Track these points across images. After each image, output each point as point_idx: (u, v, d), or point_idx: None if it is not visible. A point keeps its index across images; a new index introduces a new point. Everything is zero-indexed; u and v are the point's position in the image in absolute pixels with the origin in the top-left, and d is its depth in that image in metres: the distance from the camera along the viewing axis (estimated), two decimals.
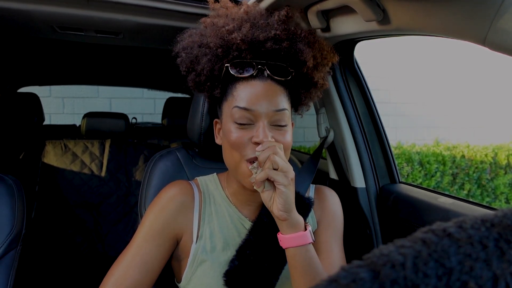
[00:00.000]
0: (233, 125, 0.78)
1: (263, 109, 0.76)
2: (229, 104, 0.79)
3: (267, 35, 0.78)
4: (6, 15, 1.16)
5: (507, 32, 0.57)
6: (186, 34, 0.87)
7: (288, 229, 0.74)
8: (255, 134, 0.76)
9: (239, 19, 0.81)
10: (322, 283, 0.21)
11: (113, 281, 0.76)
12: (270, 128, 0.77)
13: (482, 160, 4.56)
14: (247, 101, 0.77)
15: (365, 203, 1.27)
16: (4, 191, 1.01)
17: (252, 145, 0.76)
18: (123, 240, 2.20)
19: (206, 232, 0.84)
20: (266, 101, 0.77)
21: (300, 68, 0.83)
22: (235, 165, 0.80)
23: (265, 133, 0.75)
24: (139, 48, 1.90)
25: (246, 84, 0.78)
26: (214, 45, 0.80)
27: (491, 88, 5.65)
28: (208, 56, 0.81)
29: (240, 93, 0.78)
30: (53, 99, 4.34)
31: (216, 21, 0.82)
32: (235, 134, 0.77)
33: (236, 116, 0.77)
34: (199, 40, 0.83)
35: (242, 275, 0.79)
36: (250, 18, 0.81)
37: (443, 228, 0.24)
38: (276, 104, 0.77)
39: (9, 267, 0.98)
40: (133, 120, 3.17)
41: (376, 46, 4.93)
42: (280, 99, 0.78)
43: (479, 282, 0.21)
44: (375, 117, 1.30)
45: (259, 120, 0.76)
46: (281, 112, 0.78)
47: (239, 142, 0.77)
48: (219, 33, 0.80)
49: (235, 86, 0.79)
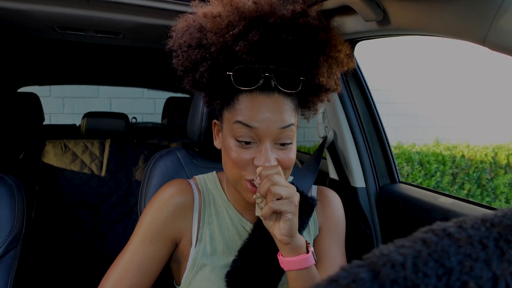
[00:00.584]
0: (233, 142, 0.72)
1: (267, 128, 0.69)
2: (231, 116, 0.72)
3: (277, 39, 0.68)
4: (6, 15, 1.16)
5: (507, 32, 0.57)
6: (182, 25, 0.76)
7: (290, 252, 0.71)
8: (257, 157, 0.70)
9: (246, 16, 0.69)
10: (322, 283, 0.21)
11: (111, 283, 0.75)
12: (273, 148, 0.71)
13: (482, 160, 4.56)
14: (250, 117, 0.69)
15: (365, 203, 1.27)
16: (4, 191, 1.01)
17: (253, 166, 0.71)
18: (123, 240, 2.20)
19: (206, 235, 0.82)
20: (271, 118, 0.69)
21: (312, 79, 0.75)
22: (235, 181, 0.76)
23: (267, 157, 0.69)
24: (139, 48, 1.90)
25: (250, 96, 0.70)
26: (216, 50, 0.70)
27: (491, 88, 5.65)
28: (209, 62, 0.72)
29: (242, 107, 0.70)
30: (53, 99, 4.34)
31: (219, 21, 0.70)
32: (236, 154, 0.71)
33: (237, 133, 0.71)
34: (198, 38, 0.72)
35: (244, 276, 0.78)
36: (259, 13, 0.69)
37: (443, 228, 0.24)
38: (282, 121, 0.70)
39: (9, 267, 0.97)
40: (133, 120, 3.17)
41: (376, 46, 4.93)
42: (287, 114, 0.71)
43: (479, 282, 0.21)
44: (375, 117, 1.30)
45: (262, 140, 0.70)
46: (287, 128, 0.71)
47: (239, 162, 0.71)
48: (222, 37, 0.69)
49: (238, 97, 0.71)
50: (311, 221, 0.89)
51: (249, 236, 0.82)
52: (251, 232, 0.83)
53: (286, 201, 0.67)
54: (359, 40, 1.11)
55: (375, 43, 4.64)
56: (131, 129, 2.88)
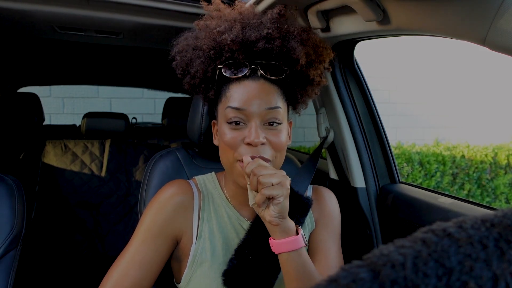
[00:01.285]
0: (226, 126, 0.78)
1: (255, 108, 0.76)
2: (223, 105, 0.79)
3: (259, 34, 0.77)
4: (6, 15, 1.16)
5: (507, 32, 0.57)
6: (181, 38, 0.87)
7: (280, 234, 0.74)
8: (247, 135, 0.76)
9: (231, 20, 0.81)
10: (322, 283, 0.21)
11: (112, 281, 0.76)
12: (262, 128, 0.77)
13: (482, 160, 4.56)
14: (239, 101, 0.76)
15: (365, 203, 1.27)
16: (4, 191, 1.01)
17: (245, 146, 0.76)
18: (123, 240, 2.20)
19: (205, 232, 0.83)
20: (258, 100, 0.76)
21: (294, 66, 0.82)
22: (229, 165, 0.80)
23: (256, 133, 0.75)
24: (139, 48, 1.90)
25: (239, 84, 0.78)
26: (207, 47, 0.80)
27: (491, 88, 5.65)
28: (201, 59, 0.81)
29: (233, 94, 0.78)
30: (53, 99, 4.34)
31: (209, 23, 0.82)
32: (228, 135, 0.77)
33: (229, 116, 0.77)
34: (193, 43, 0.83)
35: (241, 275, 0.79)
36: (243, 19, 0.81)
37: (443, 228, 0.24)
38: (268, 102, 0.77)
39: (9, 267, 0.97)
40: (133, 120, 3.18)
41: (376, 46, 4.93)
42: (274, 97, 0.78)
43: (479, 282, 0.21)
44: (375, 117, 1.30)
45: (251, 119, 0.76)
46: (274, 110, 0.77)
47: (232, 142, 0.77)
48: (211, 35, 0.80)
49: (228, 87, 0.79)
50: (308, 220, 0.91)
51: (246, 235, 0.83)
52: (247, 231, 0.84)
53: (277, 186, 0.70)
54: (359, 40, 1.11)
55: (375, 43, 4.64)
56: (131, 129, 2.88)
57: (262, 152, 0.76)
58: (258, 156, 0.75)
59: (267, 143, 0.77)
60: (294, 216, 0.84)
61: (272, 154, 0.78)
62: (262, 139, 0.75)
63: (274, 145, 0.78)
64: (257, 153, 0.76)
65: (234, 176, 0.80)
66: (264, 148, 0.77)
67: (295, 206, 0.86)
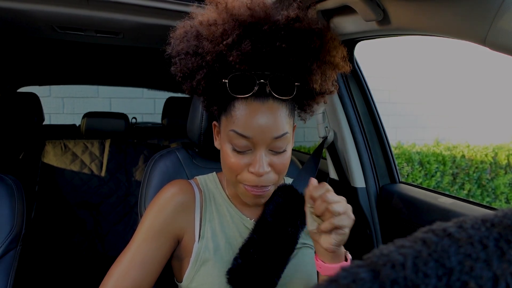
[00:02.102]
0: (229, 148, 0.75)
1: (261, 137, 0.71)
2: (227, 123, 0.75)
3: (270, 46, 0.69)
4: (6, 15, 1.16)
5: (507, 32, 0.57)
6: (180, 31, 0.78)
7: (332, 259, 0.74)
8: (252, 163, 0.73)
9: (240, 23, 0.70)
10: (322, 283, 0.21)
11: (113, 281, 0.76)
12: (267, 153, 0.74)
13: (482, 160, 4.56)
14: (245, 127, 0.71)
15: (365, 203, 1.27)
16: (4, 191, 1.01)
17: (249, 173, 0.74)
18: (123, 240, 2.20)
19: (207, 232, 0.83)
20: (265, 127, 0.71)
21: (307, 83, 0.76)
22: (232, 183, 0.79)
23: (261, 164, 0.72)
24: (139, 48, 1.90)
25: (246, 104, 0.71)
26: (211, 59, 0.72)
27: (491, 88, 5.65)
28: (205, 70, 0.74)
29: (238, 115, 0.72)
30: (53, 99, 4.34)
31: (214, 29, 0.71)
32: (232, 159, 0.74)
33: (233, 140, 0.73)
34: (195, 46, 0.74)
35: (245, 274, 0.79)
36: (254, 19, 0.70)
37: (443, 228, 0.24)
38: (276, 130, 0.72)
39: (9, 267, 0.97)
40: (133, 120, 3.17)
41: (376, 46, 4.93)
42: (281, 122, 0.73)
43: (479, 282, 0.21)
44: (375, 117, 1.30)
45: (257, 147, 0.73)
46: (281, 137, 0.73)
47: (235, 167, 0.75)
48: (217, 47, 0.70)
49: (234, 104, 0.73)
50: None
51: (250, 234, 0.83)
52: (251, 230, 0.84)
53: (345, 217, 0.70)
54: (359, 40, 1.11)
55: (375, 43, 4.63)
56: (131, 129, 2.88)
57: (265, 181, 0.75)
58: (261, 186, 0.75)
59: (272, 169, 0.75)
60: (297, 219, 0.84)
61: (274, 179, 0.77)
62: (266, 169, 0.73)
63: (278, 169, 0.76)
64: (260, 182, 0.74)
65: (239, 193, 0.80)
66: (268, 176, 0.75)
67: (298, 209, 0.85)
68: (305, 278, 0.85)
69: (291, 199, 0.87)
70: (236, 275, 0.79)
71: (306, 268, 0.87)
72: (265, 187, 0.76)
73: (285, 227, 0.83)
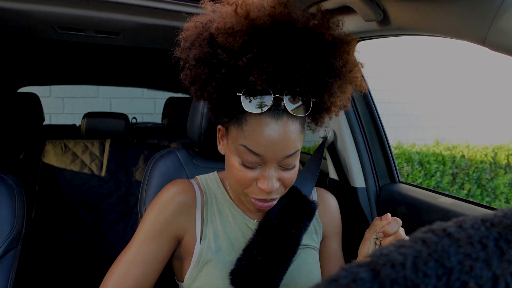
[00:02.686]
0: (238, 161, 0.73)
1: (272, 155, 0.69)
2: (237, 136, 0.71)
3: (293, 65, 0.65)
4: (6, 15, 1.16)
5: (507, 32, 0.57)
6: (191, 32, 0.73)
7: None
8: (260, 180, 0.72)
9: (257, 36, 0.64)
10: (322, 283, 0.21)
11: (114, 280, 0.76)
12: (277, 169, 0.73)
13: (482, 160, 4.56)
14: (257, 144, 0.69)
15: (365, 203, 1.27)
16: (4, 191, 1.01)
17: (257, 188, 0.73)
18: (123, 240, 2.20)
19: (209, 233, 0.83)
20: (277, 146, 0.69)
21: (323, 100, 0.73)
22: (239, 193, 0.79)
23: (271, 182, 0.71)
24: (139, 48, 1.90)
25: (259, 120, 0.68)
26: (226, 71, 0.66)
27: (491, 88, 5.65)
28: (219, 82, 0.68)
29: (250, 129, 0.69)
30: (53, 99, 4.34)
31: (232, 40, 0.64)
32: (240, 173, 0.73)
33: (242, 155, 0.71)
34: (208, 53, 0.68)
35: (248, 275, 0.79)
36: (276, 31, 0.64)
37: (443, 228, 0.24)
38: (288, 149, 0.70)
39: (9, 267, 0.97)
40: (133, 120, 3.17)
41: (376, 46, 4.93)
42: (294, 139, 0.70)
43: (479, 282, 0.21)
44: (375, 117, 1.30)
45: (267, 165, 0.71)
46: (292, 156, 0.71)
47: (243, 181, 0.74)
48: (234, 60, 0.65)
49: (246, 118, 0.69)
50: (315, 223, 0.93)
51: (254, 235, 0.83)
52: (255, 231, 0.84)
53: None
54: (359, 40, 1.11)
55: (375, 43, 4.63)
56: (131, 129, 2.88)
57: (273, 195, 0.75)
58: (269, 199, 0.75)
59: (280, 184, 0.74)
60: (300, 220, 0.85)
61: (282, 192, 0.77)
62: (275, 185, 0.72)
63: (285, 183, 0.75)
64: (269, 196, 0.74)
65: (244, 201, 0.80)
66: (276, 191, 0.75)
67: (302, 211, 0.86)
68: (308, 279, 0.86)
69: (295, 201, 0.87)
70: (239, 276, 0.78)
71: (309, 269, 0.87)
72: (273, 200, 0.77)
73: (289, 229, 0.83)
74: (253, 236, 0.83)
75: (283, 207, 0.85)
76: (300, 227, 0.84)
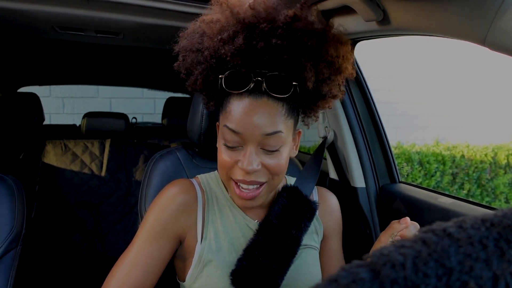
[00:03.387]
0: (222, 144, 0.76)
1: (252, 133, 0.71)
2: (223, 119, 0.75)
3: (265, 44, 0.68)
4: (6, 15, 1.16)
5: (507, 32, 0.57)
6: (189, 30, 0.80)
7: None
8: (241, 160, 0.73)
9: (238, 22, 0.71)
10: (322, 283, 0.21)
11: (116, 281, 0.76)
12: (259, 152, 0.73)
13: (482, 160, 4.56)
14: (237, 122, 0.71)
15: (365, 203, 1.27)
16: (4, 191, 1.01)
17: (238, 168, 0.74)
18: (123, 240, 2.20)
19: (210, 233, 0.83)
20: (256, 124, 0.70)
21: (305, 83, 0.74)
22: (225, 180, 0.80)
23: (249, 162, 0.71)
24: (139, 48, 1.90)
25: (240, 100, 0.72)
26: (208, 54, 0.73)
27: (491, 88, 5.65)
28: (203, 66, 0.76)
29: (232, 111, 0.72)
30: (53, 99, 4.34)
31: (213, 26, 0.73)
32: (223, 156, 0.75)
33: (225, 135, 0.74)
34: (197, 43, 0.77)
35: (249, 275, 0.79)
36: (252, 20, 0.70)
37: (443, 228, 0.24)
38: (267, 127, 0.71)
39: (9, 267, 0.97)
40: (133, 120, 3.17)
41: (376, 46, 4.93)
42: (274, 120, 0.71)
43: (479, 282, 0.21)
44: (375, 117, 1.30)
45: (247, 144, 0.72)
46: (272, 135, 0.71)
47: (226, 164, 0.75)
48: (213, 43, 0.72)
49: (229, 100, 0.74)
50: (316, 223, 0.92)
51: (255, 235, 0.83)
52: (256, 231, 0.83)
53: None
54: (359, 40, 1.11)
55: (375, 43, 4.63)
56: (131, 129, 2.88)
57: (255, 177, 0.74)
58: (252, 180, 0.74)
59: (263, 168, 0.74)
60: (301, 221, 0.85)
61: (267, 177, 0.76)
62: (255, 167, 0.72)
63: (270, 169, 0.74)
64: (250, 178, 0.74)
65: (231, 194, 0.81)
66: (259, 173, 0.74)
67: (303, 211, 0.86)
68: (308, 279, 0.85)
69: (296, 201, 0.87)
70: (240, 277, 0.78)
71: (309, 269, 0.87)
72: (255, 185, 0.75)
73: (289, 229, 0.83)
74: (253, 236, 0.83)
75: (283, 207, 0.85)
76: (301, 227, 0.84)
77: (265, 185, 0.77)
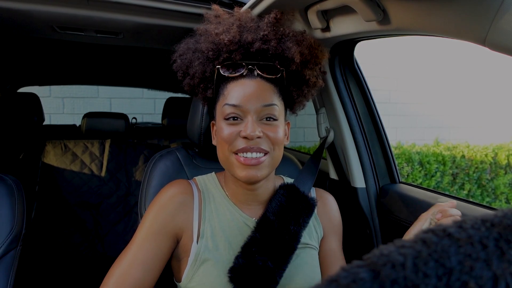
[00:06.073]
0: (223, 122, 0.81)
1: (251, 105, 0.79)
2: (221, 103, 0.83)
3: (255, 36, 0.82)
4: (6, 15, 1.16)
5: (507, 32, 0.57)
6: (182, 43, 0.92)
7: None
8: (243, 129, 0.78)
9: (229, 23, 0.85)
10: (322, 283, 0.21)
11: (114, 280, 0.76)
12: (259, 123, 0.80)
13: (482, 160, 4.56)
14: (236, 98, 0.80)
15: (365, 203, 1.27)
16: (4, 191, 1.01)
17: (240, 139, 0.79)
18: (123, 240, 2.20)
19: (207, 231, 0.84)
20: (254, 97, 0.79)
21: (289, 66, 0.85)
22: (225, 159, 0.82)
23: (253, 127, 0.77)
24: (139, 48, 1.90)
25: (236, 83, 0.81)
26: (206, 48, 0.84)
27: (491, 88, 5.65)
28: (200, 60, 0.86)
29: (230, 92, 0.81)
30: (53, 99, 4.34)
31: (208, 27, 0.87)
32: (226, 131, 0.80)
33: (226, 112, 0.80)
34: (193, 46, 0.88)
35: (247, 272, 0.79)
36: (241, 23, 0.85)
37: (443, 228, 0.24)
38: (264, 99, 0.80)
39: (9, 267, 0.97)
40: (133, 120, 3.17)
41: (377, 46, 4.93)
42: (270, 95, 0.81)
43: (479, 282, 0.21)
44: (375, 117, 1.30)
45: (248, 115, 0.79)
46: (270, 106, 0.80)
47: (229, 137, 0.80)
48: (210, 37, 0.85)
49: (226, 86, 0.83)
50: (315, 223, 0.93)
51: (253, 233, 0.83)
52: (254, 228, 0.84)
53: None
54: (359, 40, 1.11)
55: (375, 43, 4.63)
56: (131, 129, 2.88)
57: (259, 144, 0.78)
58: (255, 147, 0.78)
59: (264, 137, 0.79)
60: (299, 217, 0.85)
61: (269, 146, 0.80)
62: (258, 133, 0.78)
63: (271, 139, 0.80)
64: (253, 145, 0.78)
65: (231, 169, 0.82)
66: (261, 141, 0.79)
67: (301, 207, 0.87)
68: (307, 279, 0.86)
69: (294, 198, 0.88)
70: (238, 274, 0.79)
71: (308, 269, 0.87)
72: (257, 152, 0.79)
73: (287, 225, 0.84)
74: (251, 233, 0.83)
75: (281, 204, 0.86)
76: (299, 223, 0.85)
77: (268, 155, 0.80)
